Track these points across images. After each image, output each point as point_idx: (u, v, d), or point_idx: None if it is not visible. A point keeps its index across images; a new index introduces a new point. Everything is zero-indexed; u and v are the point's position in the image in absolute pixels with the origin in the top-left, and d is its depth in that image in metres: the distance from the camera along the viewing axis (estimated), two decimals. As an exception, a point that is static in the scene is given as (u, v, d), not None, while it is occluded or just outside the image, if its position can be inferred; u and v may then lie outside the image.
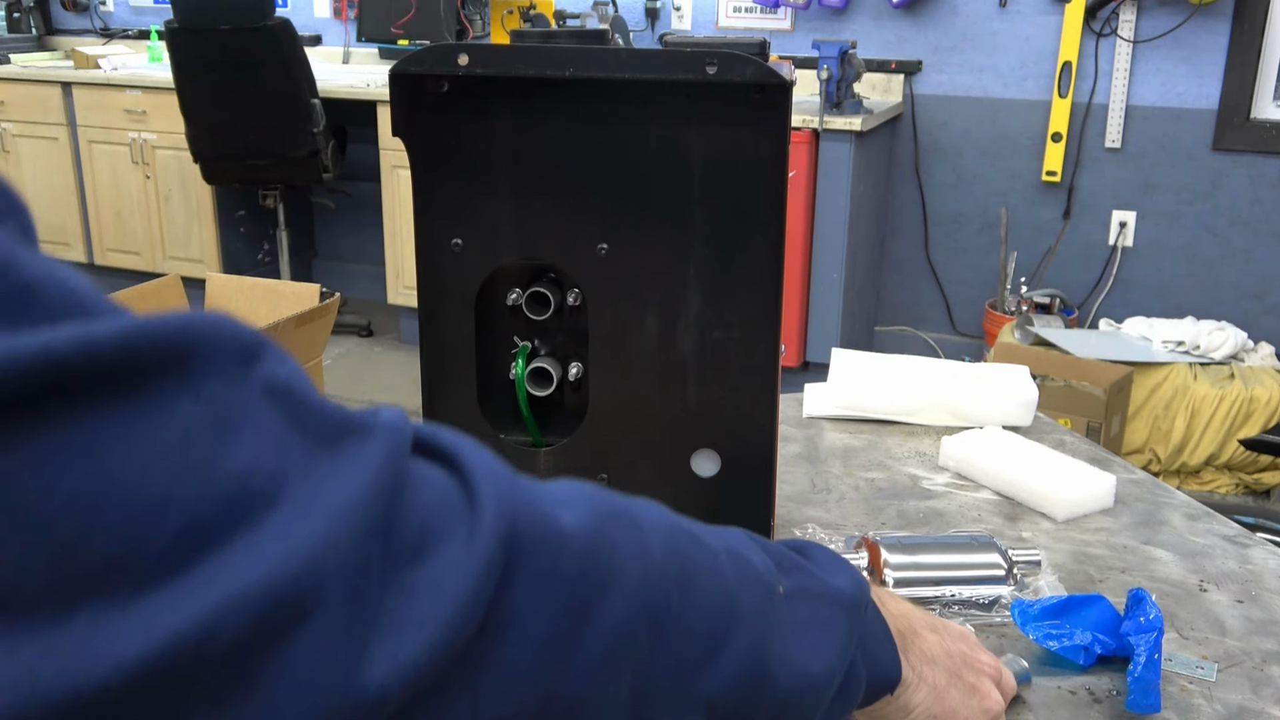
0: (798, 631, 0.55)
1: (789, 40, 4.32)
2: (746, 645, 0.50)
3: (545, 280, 0.90)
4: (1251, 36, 3.75)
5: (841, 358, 1.46)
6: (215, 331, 0.35)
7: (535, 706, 0.41)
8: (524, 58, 0.81)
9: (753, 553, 0.56)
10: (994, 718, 0.70)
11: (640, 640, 0.45)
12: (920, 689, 0.65)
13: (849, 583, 0.59)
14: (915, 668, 0.64)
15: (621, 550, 0.45)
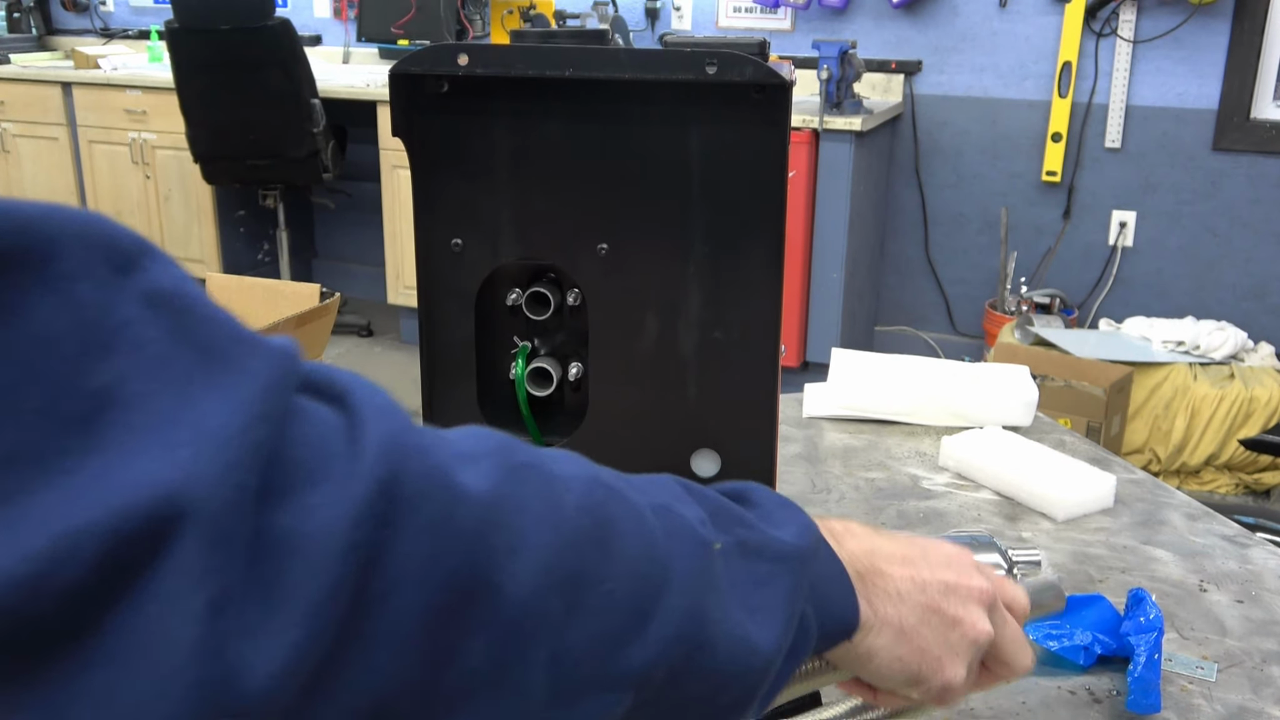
0: (737, 593, 0.49)
1: (789, 40, 4.32)
2: (678, 613, 0.45)
3: (545, 280, 0.90)
4: (1251, 36, 3.75)
5: (841, 358, 1.46)
6: (85, 230, 0.31)
7: (425, 685, 0.36)
8: (524, 58, 0.81)
9: (685, 506, 0.50)
10: (980, 646, 0.62)
11: (553, 610, 0.40)
12: (883, 632, 0.58)
13: (793, 532, 0.53)
14: (877, 609, 0.58)
15: (530, 508, 0.41)
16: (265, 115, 4.16)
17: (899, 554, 0.61)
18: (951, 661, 0.61)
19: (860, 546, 0.59)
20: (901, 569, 0.60)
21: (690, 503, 0.51)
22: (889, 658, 0.59)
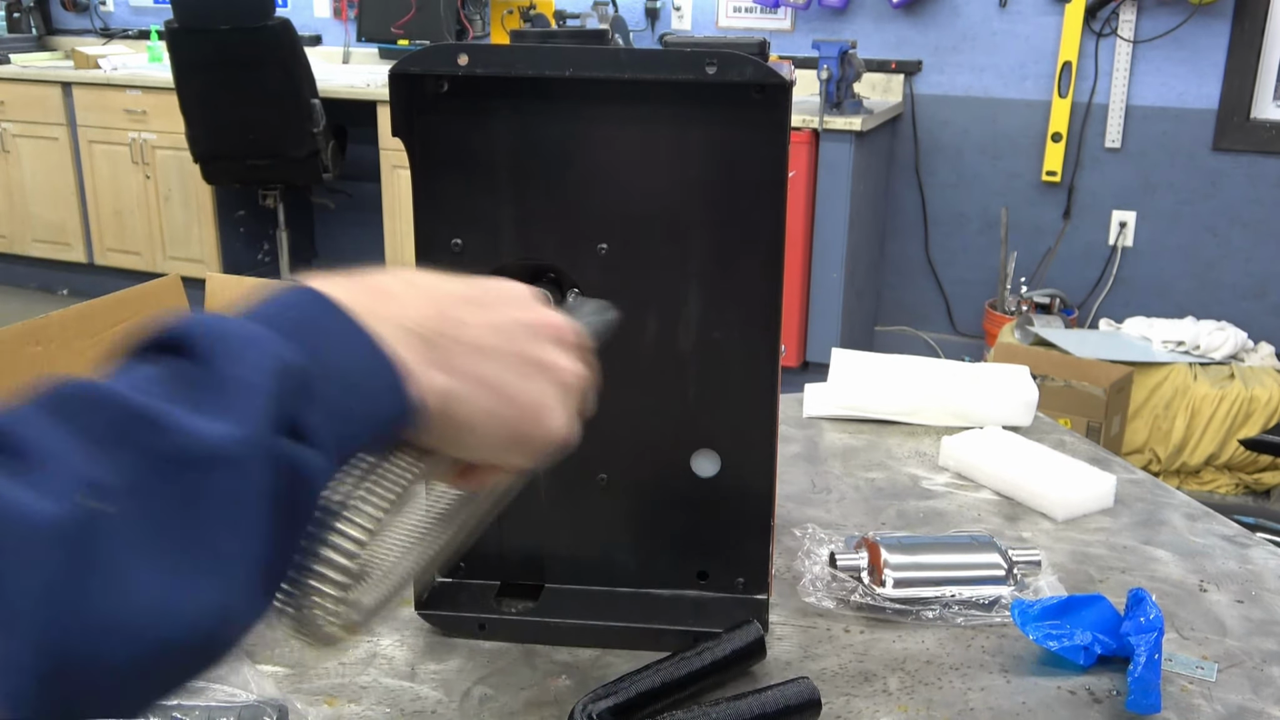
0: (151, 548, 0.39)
1: (789, 40, 4.32)
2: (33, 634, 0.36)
3: (545, 280, 0.90)
4: (1251, 36, 3.75)
5: (841, 358, 1.46)
6: None
7: None
8: (524, 58, 0.81)
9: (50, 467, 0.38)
10: (577, 390, 0.57)
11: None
12: (475, 395, 0.51)
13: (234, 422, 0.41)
14: (459, 369, 0.51)
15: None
16: (265, 115, 4.16)
17: (463, 294, 0.54)
18: (554, 411, 0.56)
19: (423, 303, 0.52)
20: (474, 313, 0.54)
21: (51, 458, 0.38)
22: (486, 419, 0.52)
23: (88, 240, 5.06)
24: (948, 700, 0.85)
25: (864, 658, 0.91)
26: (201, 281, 1.34)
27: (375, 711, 0.84)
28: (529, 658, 0.90)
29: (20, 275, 5.39)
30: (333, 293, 0.49)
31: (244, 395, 0.41)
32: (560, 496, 0.93)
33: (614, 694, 0.80)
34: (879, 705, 0.85)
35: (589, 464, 0.92)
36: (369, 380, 0.47)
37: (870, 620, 0.96)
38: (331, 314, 0.48)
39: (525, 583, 0.96)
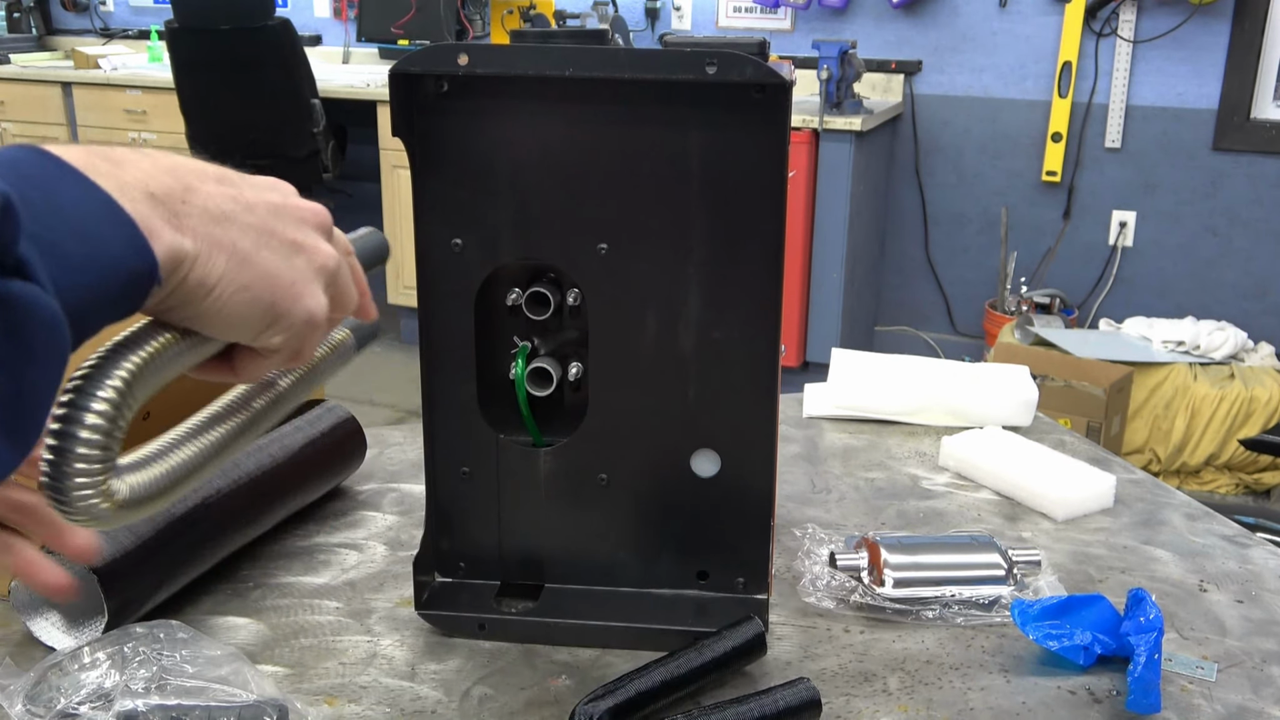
0: None
1: (789, 40, 4.32)
2: None
3: (545, 280, 0.90)
4: (1251, 36, 3.75)
5: (841, 358, 1.46)
6: None
7: None
8: (524, 58, 0.81)
9: None
10: (330, 272, 0.57)
11: None
12: (214, 257, 0.50)
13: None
14: (197, 231, 0.49)
15: None
16: (265, 115, 4.16)
17: (212, 173, 0.53)
18: (307, 288, 0.55)
19: (162, 171, 0.49)
20: (219, 187, 0.52)
21: None
22: (234, 288, 0.51)
23: (88, 240, 5.06)
24: (948, 700, 0.85)
25: (864, 658, 0.91)
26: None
27: (375, 711, 0.84)
28: (529, 658, 0.90)
29: (20, 275, 5.39)
30: (62, 154, 0.45)
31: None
32: (560, 496, 0.93)
33: (614, 694, 0.80)
34: (879, 705, 0.85)
35: (589, 464, 0.92)
36: (96, 227, 0.44)
37: (870, 620, 0.96)
38: (56, 164, 0.45)
39: (525, 583, 0.96)
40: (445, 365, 0.91)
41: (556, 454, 0.92)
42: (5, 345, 0.40)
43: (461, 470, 0.93)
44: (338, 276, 0.58)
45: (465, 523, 0.95)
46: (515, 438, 0.93)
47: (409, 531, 1.11)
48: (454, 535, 0.95)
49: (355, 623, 0.95)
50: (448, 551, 0.96)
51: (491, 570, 0.96)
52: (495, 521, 0.95)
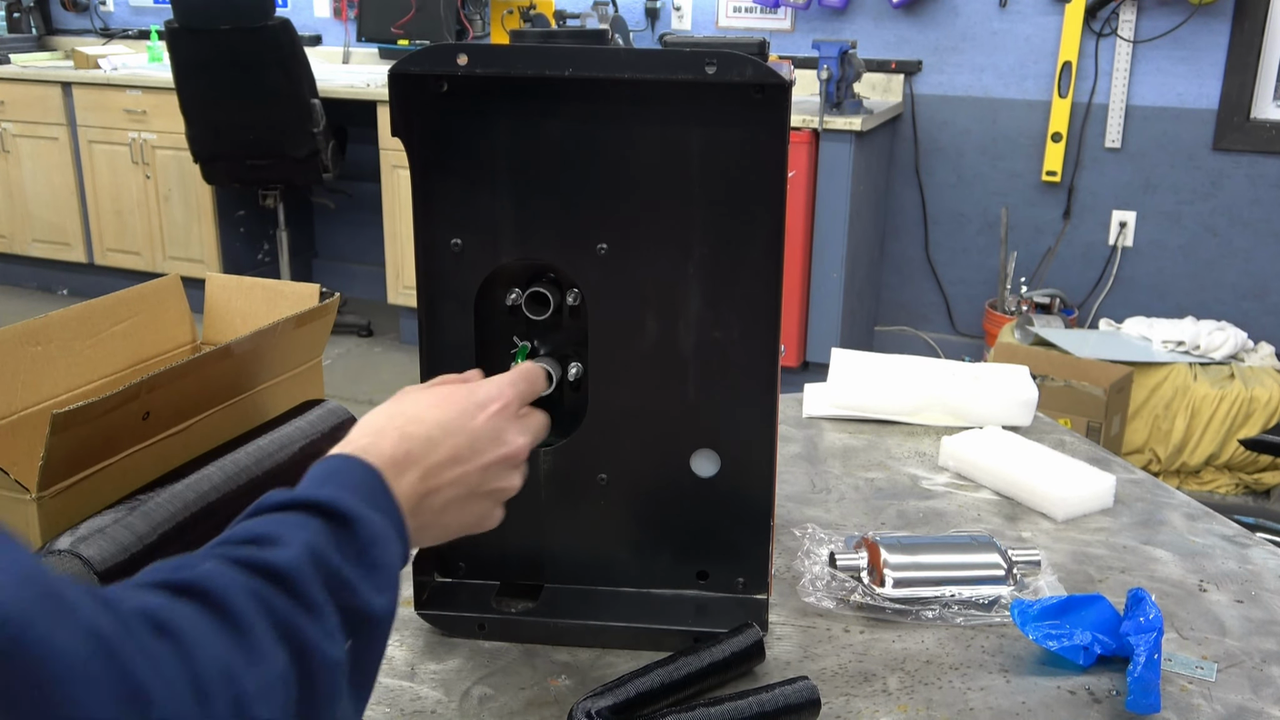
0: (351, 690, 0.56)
1: (789, 40, 4.32)
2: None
3: (545, 280, 0.90)
4: (1251, 36, 3.75)
5: (841, 358, 1.46)
6: None
7: None
8: (524, 58, 0.82)
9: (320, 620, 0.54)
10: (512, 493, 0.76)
11: None
12: (425, 535, 0.70)
13: (387, 593, 0.59)
14: (423, 526, 0.68)
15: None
16: (265, 115, 4.16)
17: (448, 456, 0.70)
18: (486, 518, 0.75)
19: (416, 476, 0.67)
20: (451, 471, 0.70)
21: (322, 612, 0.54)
22: (432, 541, 0.72)
23: (88, 240, 5.06)
24: (947, 700, 0.85)
25: (864, 658, 0.91)
26: (201, 281, 1.34)
27: (375, 711, 0.84)
28: (529, 658, 0.90)
29: (20, 275, 5.39)
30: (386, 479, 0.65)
31: (390, 580, 0.60)
32: (560, 496, 0.93)
33: (614, 694, 0.80)
34: (879, 705, 0.85)
35: (589, 464, 0.92)
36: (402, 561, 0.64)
37: (870, 620, 0.96)
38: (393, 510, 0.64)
39: (525, 583, 0.96)
40: (445, 365, 0.91)
41: (556, 454, 0.92)
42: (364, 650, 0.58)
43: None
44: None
45: (465, 523, 0.95)
46: (515, 438, 0.93)
47: (409, 531, 1.11)
48: (454, 535, 0.95)
49: (355, 623, 0.95)
50: (448, 551, 0.96)
51: (491, 570, 0.96)
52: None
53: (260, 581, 0.52)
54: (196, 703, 0.45)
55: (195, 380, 1.02)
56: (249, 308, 1.27)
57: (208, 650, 0.47)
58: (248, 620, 0.50)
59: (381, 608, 0.58)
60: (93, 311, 1.17)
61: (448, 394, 0.74)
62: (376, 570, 0.58)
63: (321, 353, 1.24)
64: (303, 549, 0.55)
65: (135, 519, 0.91)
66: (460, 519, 0.72)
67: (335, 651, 0.53)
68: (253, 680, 0.48)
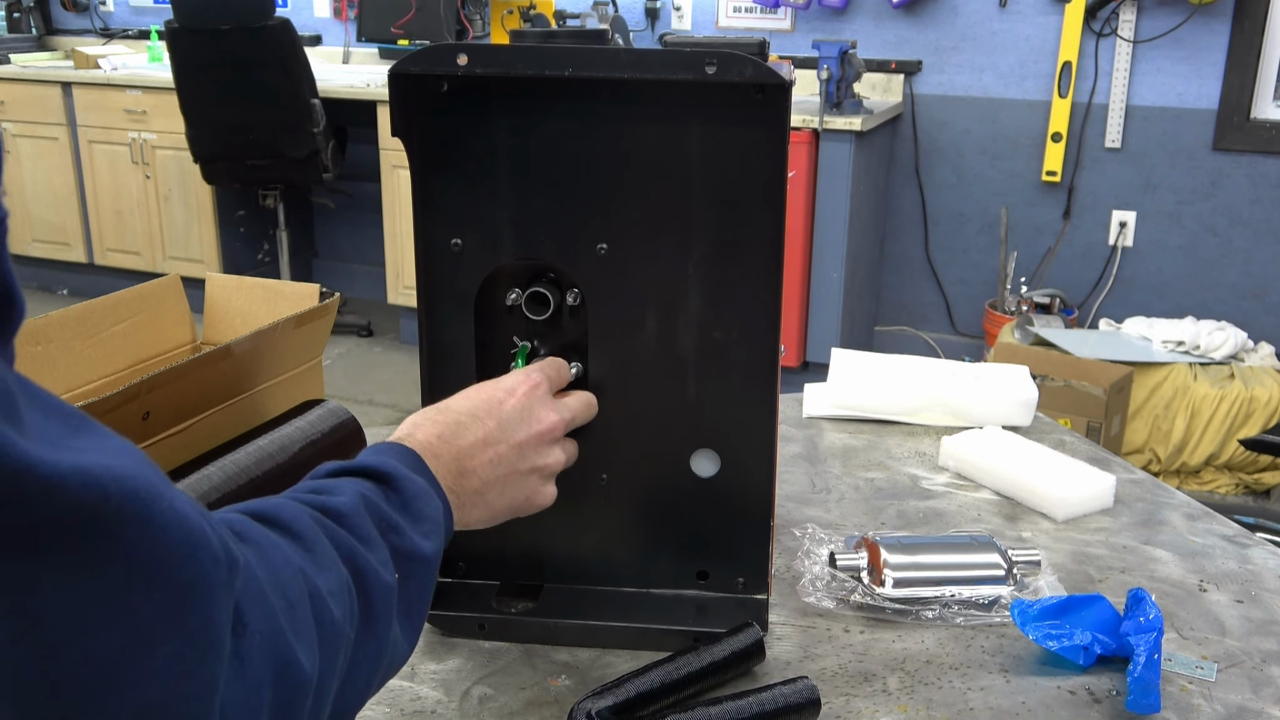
0: (401, 610, 0.62)
1: (789, 40, 4.32)
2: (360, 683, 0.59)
3: (545, 280, 0.90)
4: (1251, 36, 3.75)
5: (841, 358, 1.46)
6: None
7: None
8: (524, 58, 0.81)
9: (373, 550, 0.60)
10: (561, 467, 0.82)
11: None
12: (473, 514, 0.75)
13: (434, 536, 0.66)
14: (466, 505, 0.74)
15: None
16: (265, 115, 4.16)
17: (479, 439, 0.75)
18: (536, 495, 0.80)
19: (449, 457, 0.73)
20: (484, 453, 0.75)
21: (375, 544, 0.62)
22: (485, 521, 0.77)
23: (88, 240, 5.06)
24: (947, 700, 0.85)
25: (864, 658, 0.91)
26: (201, 281, 1.34)
27: (375, 711, 0.84)
28: (529, 658, 0.90)
29: (20, 275, 5.31)
30: (426, 459, 0.72)
31: (434, 527, 0.67)
32: (560, 496, 0.93)
33: (614, 694, 0.80)
34: (879, 705, 0.85)
35: (589, 464, 0.92)
36: (447, 522, 0.70)
37: (870, 620, 0.96)
38: (434, 480, 0.71)
39: (525, 583, 0.96)
40: (445, 365, 0.91)
41: (556, 454, 0.92)
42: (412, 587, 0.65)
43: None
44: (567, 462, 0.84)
45: (465, 523, 0.95)
46: (515, 438, 0.93)
47: (409, 531, 1.11)
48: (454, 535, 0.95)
49: (355, 623, 0.95)
50: (448, 551, 0.96)
51: (491, 570, 0.96)
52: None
53: (320, 515, 0.59)
54: (276, 590, 0.51)
55: (195, 380, 1.02)
56: (249, 308, 1.27)
57: (282, 553, 0.53)
58: (313, 538, 0.57)
59: (428, 550, 0.65)
60: (93, 311, 1.17)
61: (477, 387, 0.80)
62: (422, 519, 0.66)
63: (321, 353, 1.24)
64: (355, 496, 0.62)
65: (135, 519, 0.91)
66: (506, 498, 0.77)
67: (388, 577, 0.60)
68: (324, 581, 0.55)
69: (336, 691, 0.55)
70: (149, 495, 0.42)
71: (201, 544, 0.44)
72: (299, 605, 0.52)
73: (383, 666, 0.60)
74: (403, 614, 0.62)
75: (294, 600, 0.52)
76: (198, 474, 0.98)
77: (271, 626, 0.49)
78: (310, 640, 0.52)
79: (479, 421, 0.76)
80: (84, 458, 0.40)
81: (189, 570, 0.44)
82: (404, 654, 0.63)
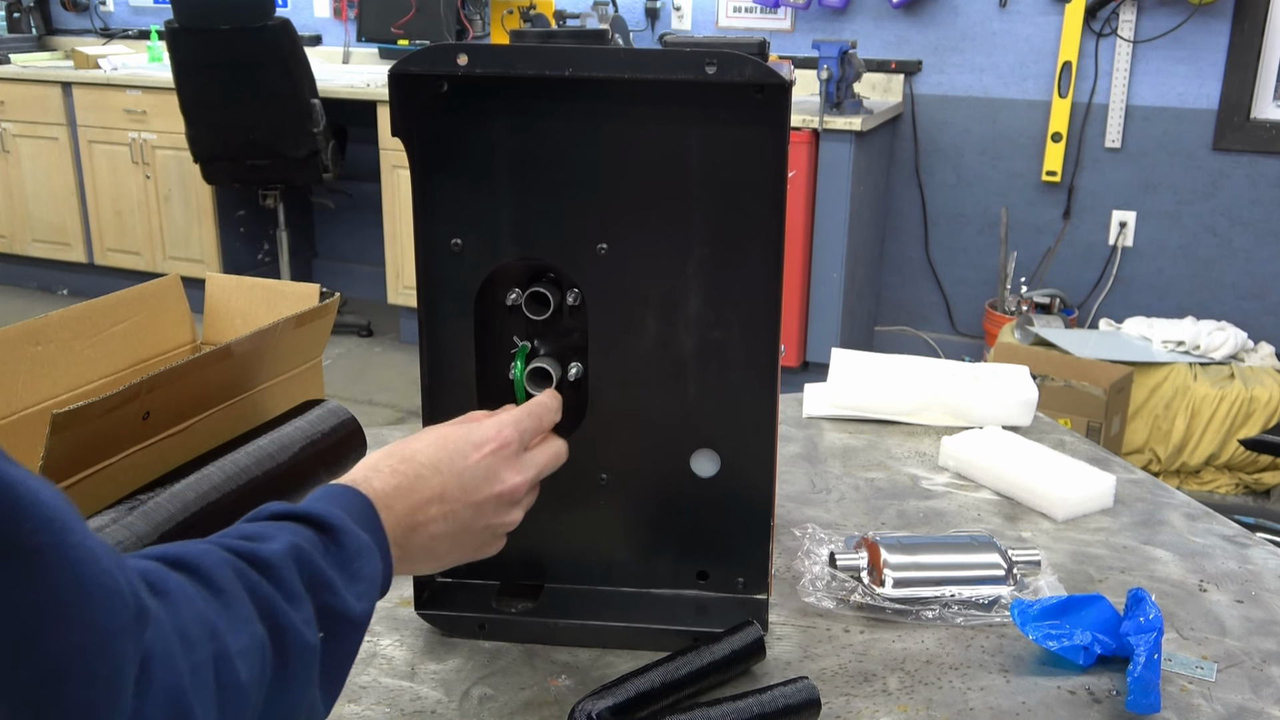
0: (324, 674, 0.60)
1: (789, 40, 4.32)
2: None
3: (545, 280, 0.90)
4: (1251, 36, 3.75)
5: (841, 358, 1.46)
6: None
7: None
8: (524, 58, 0.81)
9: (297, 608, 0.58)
10: (514, 526, 0.79)
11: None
12: (417, 564, 0.74)
13: (366, 597, 0.63)
14: (412, 556, 0.72)
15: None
16: (265, 115, 4.16)
17: (435, 494, 0.73)
18: (483, 550, 0.78)
19: (402, 510, 0.71)
20: (439, 508, 0.73)
21: (300, 601, 0.58)
22: (430, 570, 0.76)
23: (88, 240, 5.06)
24: (947, 700, 0.85)
25: (864, 658, 0.91)
26: (201, 281, 1.34)
27: (375, 711, 0.84)
28: (529, 658, 0.90)
29: (20, 275, 5.39)
30: (378, 509, 0.69)
31: (370, 591, 0.64)
32: (560, 496, 0.93)
33: (614, 694, 0.80)
34: (879, 705, 0.85)
35: (589, 464, 0.92)
36: (385, 576, 0.68)
37: (870, 620, 0.96)
38: (380, 534, 0.68)
39: (525, 583, 0.96)
40: (445, 365, 0.91)
41: (556, 454, 0.92)
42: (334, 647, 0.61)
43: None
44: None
45: (465, 523, 0.95)
46: (515, 438, 0.93)
47: (409, 531, 1.11)
48: (454, 535, 0.95)
49: (355, 623, 0.95)
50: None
51: (491, 570, 0.96)
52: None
53: (244, 565, 0.56)
54: (183, 647, 0.49)
55: (195, 380, 1.02)
56: (249, 308, 1.27)
57: (195, 607, 0.51)
58: (231, 592, 0.54)
59: (359, 612, 0.62)
60: (93, 311, 1.17)
61: (445, 434, 0.77)
62: (359, 580, 0.62)
63: (321, 353, 1.24)
64: (288, 546, 0.59)
65: (135, 519, 0.91)
66: (454, 552, 0.75)
67: (310, 637, 0.57)
68: (234, 641, 0.52)
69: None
70: (64, 527, 0.41)
71: (112, 588, 0.43)
72: (203, 667, 0.50)
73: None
74: (324, 675, 0.60)
75: (199, 662, 0.50)
76: (198, 474, 0.98)
77: (175, 686, 0.47)
78: (210, 705, 0.50)
79: (439, 475, 0.73)
80: (13, 470, 0.39)
81: (101, 613, 0.42)
82: (321, 716, 0.61)
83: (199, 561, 0.54)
